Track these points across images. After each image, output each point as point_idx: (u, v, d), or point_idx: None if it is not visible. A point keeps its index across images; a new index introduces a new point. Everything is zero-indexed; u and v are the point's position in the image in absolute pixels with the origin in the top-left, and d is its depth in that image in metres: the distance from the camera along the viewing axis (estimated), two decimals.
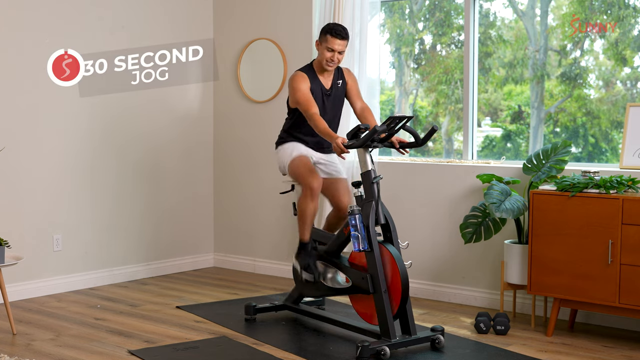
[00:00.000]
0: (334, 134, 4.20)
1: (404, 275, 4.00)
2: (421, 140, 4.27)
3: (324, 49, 4.44)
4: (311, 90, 4.44)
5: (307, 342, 4.30)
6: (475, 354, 4.09)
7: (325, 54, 4.44)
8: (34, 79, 5.21)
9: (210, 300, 5.23)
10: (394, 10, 5.85)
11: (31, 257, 5.17)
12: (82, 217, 5.54)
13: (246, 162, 6.23)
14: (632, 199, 4.05)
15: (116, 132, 5.73)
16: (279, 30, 5.97)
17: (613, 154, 5.02)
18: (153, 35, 5.83)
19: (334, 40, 4.41)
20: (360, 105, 4.61)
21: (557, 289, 4.31)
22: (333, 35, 4.41)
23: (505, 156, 5.36)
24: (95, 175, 5.61)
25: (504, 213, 4.42)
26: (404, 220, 5.21)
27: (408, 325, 4.08)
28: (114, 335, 4.37)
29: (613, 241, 4.10)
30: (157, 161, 6.02)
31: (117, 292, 5.47)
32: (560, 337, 4.39)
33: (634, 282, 4.06)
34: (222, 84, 6.34)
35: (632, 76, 4.98)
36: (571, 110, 5.16)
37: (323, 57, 4.45)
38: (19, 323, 4.60)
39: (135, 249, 5.90)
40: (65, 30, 5.36)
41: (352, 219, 4.05)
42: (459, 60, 5.43)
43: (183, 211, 6.22)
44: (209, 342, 4.25)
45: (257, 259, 6.21)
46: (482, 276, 5.08)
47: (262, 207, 6.13)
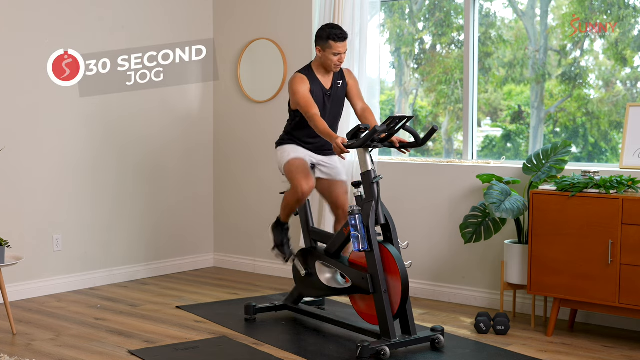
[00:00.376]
0: (334, 134, 4.21)
1: (404, 275, 4.00)
2: (421, 140, 4.27)
3: (330, 55, 4.45)
4: (312, 91, 4.44)
5: (307, 342, 4.30)
6: (475, 354, 4.09)
7: (333, 59, 4.45)
8: (34, 79, 5.21)
9: (210, 300, 5.23)
10: (394, 10, 5.85)
11: (31, 257, 5.17)
12: (82, 217, 5.54)
13: (246, 162, 6.23)
14: (632, 199, 4.05)
15: (116, 132, 5.73)
16: (279, 30, 5.97)
17: (613, 154, 5.02)
18: (153, 35, 5.83)
19: (337, 44, 4.43)
20: (361, 105, 4.61)
21: (557, 289, 4.31)
22: (336, 41, 4.42)
23: (505, 156, 5.36)
24: (95, 175, 5.61)
25: (504, 213, 4.42)
26: (404, 220, 5.21)
27: (408, 325, 4.08)
28: (114, 335, 4.37)
29: (613, 241, 4.10)
30: (157, 161, 6.02)
31: (117, 292, 5.47)
32: (560, 337, 4.39)
33: (634, 282, 4.06)
34: (222, 84, 6.34)
35: (632, 76, 4.98)
36: (571, 110, 5.16)
37: (330, 62, 4.46)
38: (19, 323, 4.60)
39: (135, 249, 5.90)
40: (65, 30, 5.36)
41: (352, 219, 4.05)
42: (459, 60, 5.43)
43: (183, 211, 6.22)
44: (209, 342, 4.25)
45: (257, 259, 6.21)
46: (482, 276, 5.08)
47: (262, 207, 6.13)
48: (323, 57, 4.47)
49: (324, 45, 4.46)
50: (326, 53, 4.45)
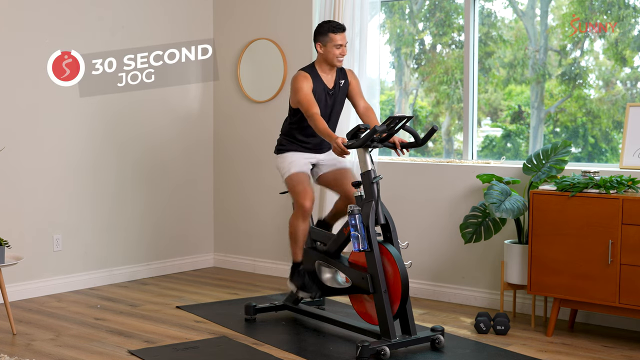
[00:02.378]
0: (334, 134, 4.20)
1: (404, 275, 4.00)
2: (421, 140, 4.27)
3: (331, 48, 4.44)
4: (314, 90, 4.44)
5: (307, 342, 4.30)
6: (475, 354, 4.09)
7: (334, 52, 4.44)
8: (34, 79, 5.21)
9: (210, 300, 5.23)
10: (394, 10, 5.85)
11: (31, 257, 5.17)
12: (82, 217, 5.54)
13: (246, 162, 6.23)
14: (632, 199, 4.05)
15: (116, 132, 5.73)
16: (279, 30, 5.97)
17: (613, 154, 5.02)
18: (154, 35, 5.83)
19: (337, 35, 4.43)
20: (363, 105, 4.60)
21: (557, 289, 4.31)
22: (336, 32, 4.43)
23: (505, 156, 5.35)
24: (95, 175, 5.61)
25: (504, 213, 4.42)
26: (404, 220, 5.21)
27: (408, 325, 4.08)
28: (114, 335, 4.37)
29: (613, 241, 4.10)
30: (157, 161, 6.02)
31: (117, 292, 5.47)
32: (560, 337, 4.39)
33: (634, 282, 4.06)
34: (222, 84, 6.34)
35: (632, 76, 4.98)
36: (571, 110, 5.16)
37: (333, 55, 4.45)
38: (19, 323, 4.60)
39: (135, 249, 5.90)
40: (65, 30, 5.36)
41: (352, 219, 4.05)
42: (459, 60, 5.43)
43: (183, 211, 6.22)
44: (209, 342, 4.25)
45: (257, 259, 6.21)
46: (482, 276, 5.08)
47: (262, 207, 6.13)
48: (325, 52, 4.47)
49: (324, 39, 4.46)
50: (327, 47, 4.45)
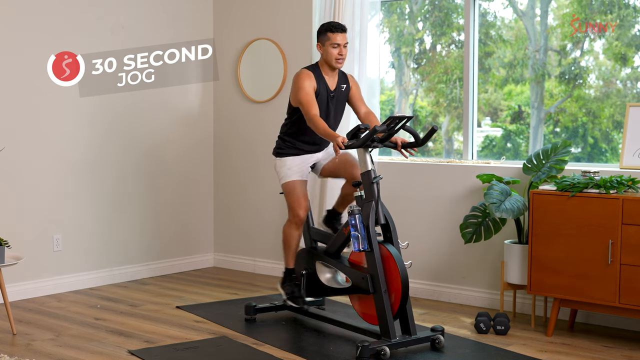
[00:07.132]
0: (334, 133, 4.19)
1: (404, 275, 4.00)
2: (421, 140, 4.27)
3: (329, 47, 4.43)
4: (317, 90, 4.44)
5: (307, 342, 4.30)
6: (475, 354, 4.09)
7: (332, 52, 4.44)
8: (34, 78, 5.21)
9: (210, 300, 5.23)
10: (394, 10, 5.85)
11: (31, 257, 5.17)
12: (82, 217, 5.54)
13: (246, 162, 6.23)
14: (632, 199, 4.05)
15: (116, 132, 5.73)
16: (279, 30, 5.97)
17: (613, 154, 5.02)
18: (154, 35, 5.83)
19: (336, 35, 4.42)
20: (364, 110, 4.60)
21: (557, 289, 4.31)
22: (334, 31, 4.43)
23: (505, 156, 5.36)
24: (95, 175, 5.61)
25: (504, 213, 4.42)
26: (404, 220, 5.21)
27: (408, 325, 4.08)
28: (114, 335, 4.37)
29: (613, 241, 4.10)
30: (157, 161, 6.02)
31: (117, 292, 5.47)
32: (560, 337, 4.39)
33: (634, 282, 4.06)
34: (222, 84, 6.34)
35: (632, 76, 4.98)
36: (571, 110, 5.16)
37: (331, 55, 4.44)
38: (19, 323, 4.60)
39: (135, 249, 5.90)
40: (65, 30, 5.36)
41: (352, 219, 4.05)
42: (459, 60, 5.43)
43: (183, 211, 6.22)
44: (209, 342, 4.25)
45: (257, 259, 6.21)
46: (482, 276, 5.08)
47: (262, 207, 6.13)
48: (323, 52, 4.47)
49: (323, 39, 4.46)
50: (326, 47, 4.45)
